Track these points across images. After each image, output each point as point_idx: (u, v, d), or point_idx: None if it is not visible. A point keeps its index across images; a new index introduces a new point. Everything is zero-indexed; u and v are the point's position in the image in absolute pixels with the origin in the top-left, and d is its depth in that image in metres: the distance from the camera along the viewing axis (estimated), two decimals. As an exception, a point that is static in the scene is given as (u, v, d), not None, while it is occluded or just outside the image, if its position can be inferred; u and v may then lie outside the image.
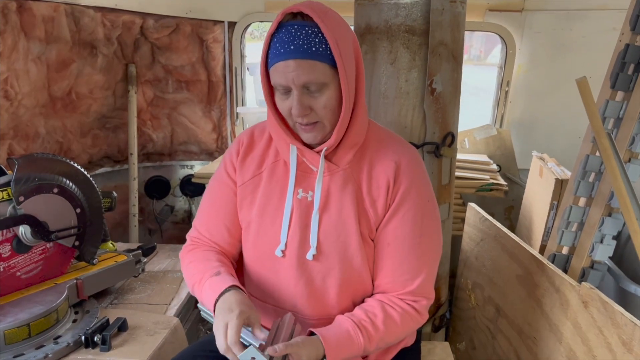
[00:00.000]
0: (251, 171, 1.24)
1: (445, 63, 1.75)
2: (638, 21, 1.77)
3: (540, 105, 3.10)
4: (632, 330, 1.19)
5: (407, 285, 1.16)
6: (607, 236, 1.81)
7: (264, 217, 1.20)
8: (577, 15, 2.90)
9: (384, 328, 1.13)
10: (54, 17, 2.36)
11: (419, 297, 1.17)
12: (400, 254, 1.16)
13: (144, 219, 3.20)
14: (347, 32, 1.09)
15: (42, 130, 2.46)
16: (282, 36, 1.04)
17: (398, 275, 1.17)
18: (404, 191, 1.15)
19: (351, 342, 1.10)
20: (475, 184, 2.64)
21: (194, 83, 3.06)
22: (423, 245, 1.17)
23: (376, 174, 1.17)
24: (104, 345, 1.42)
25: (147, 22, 2.77)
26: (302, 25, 1.03)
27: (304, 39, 1.03)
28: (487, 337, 1.96)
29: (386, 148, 1.19)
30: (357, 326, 1.11)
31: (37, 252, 1.56)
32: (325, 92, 1.07)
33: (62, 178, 1.58)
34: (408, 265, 1.16)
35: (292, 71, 1.03)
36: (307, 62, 1.03)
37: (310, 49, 1.02)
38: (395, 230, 1.16)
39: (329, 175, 1.17)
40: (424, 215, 1.17)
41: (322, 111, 1.08)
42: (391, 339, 1.16)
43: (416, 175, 1.18)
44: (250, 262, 1.27)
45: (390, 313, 1.15)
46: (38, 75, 2.36)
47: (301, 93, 1.06)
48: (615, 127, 1.84)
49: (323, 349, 1.06)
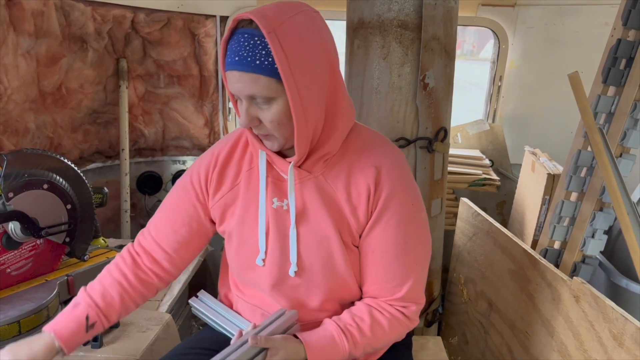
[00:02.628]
0: (229, 183, 1.19)
1: (437, 58, 1.74)
2: (630, 16, 1.77)
3: (533, 100, 3.11)
4: (623, 325, 1.20)
5: (395, 292, 1.13)
6: (599, 231, 1.82)
7: (244, 226, 1.18)
8: (569, 10, 2.91)
9: (370, 334, 1.11)
10: (44, 11, 2.33)
11: (408, 303, 1.14)
12: (385, 261, 1.13)
13: (136, 214, 3.18)
14: (311, 41, 1.00)
15: (32, 125, 2.43)
16: (232, 44, 0.99)
17: (385, 282, 1.14)
18: (386, 197, 1.10)
19: (335, 347, 1.09)
20: (468, 179, 2.65)
21: (186, 78, 3.03)
22: (409, 251, 1.13)
23: (355, 180, 1.11)
24: (95, 342, 1.41)
25: (138, 16, 2.74)
26: (251, 35, 0.96)
27: (249, 50, 0.96)
28: (480, 332, 1.97)
29: (367, 153, 1.13)
30: (342, 331, 1.10)
31: (27, 249, 1.55)
32: (273, 105, 1.00)
33: (52, 174, 1.56)
34: (394, 273, 1.13)
35: (237, 82, 0.99)
36: (249, 75, 0.97)
37: (254, 62, 0.96)
38: (379, 238, 1.12)
39: (300, 183, 1.12)
40: (409, 221, 1.13)
41: (269, 124, 1.02)
42: (378, 344, 1.15)
43: (399, 179, 1.12)
44: (235, 272, 1.28)
45: (378, 318, 1.13)
46: (27, 70, 2.33)
47: (249, 104, 1.01)
48: (607, 122, 1.85)
49: (304, 353, 1.05)
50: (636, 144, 1.75)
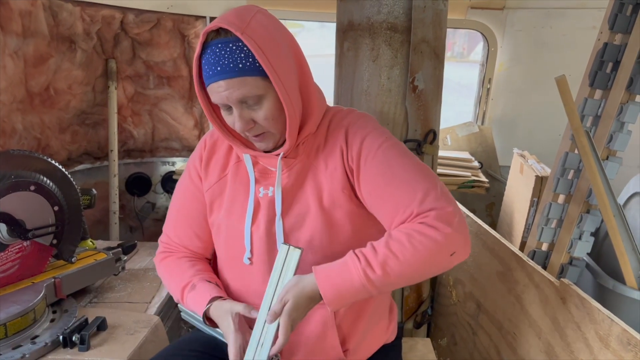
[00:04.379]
0: (216, 174, 1.24)
1: (427, 60, 1.75)
2: (616, 20, 1.79)
3: (522, 102, 3.14)
4: (609, 326, 1.21)
5: (409, 213, 1.05)
6: (586, 233, 1.84)
7: (231, 217, 1.20)
8: (557, 13, 2.94)
9: (386, 250, 1.00)
10: (32, 11, 2.32)
11: (424, 214, 1.03)
12: (382, 193, 1.09)
13: (125, 216, 3.16)
14: (276, 34, 1.05)
15: (19, 126, 2.41)
16: (208, 58, 1.02)
17: (395, 211, 1.07)
18: (358, 144, 1.12)
19: (346, 269, 1.01)
20: (457, 180, 2.66)
21: (176, 79, 3.02)
22: (398, 172, 1.09)
23: (330, 148, 1.15)
24: (82, 345, 1.40)
25: (127, 16, 2.73)
26: (225, 43, 1.00)
27: (228, 57, 1.00)
28: (468, 333, 1.98)
29: (335, 122, 1.18)
30: (354, 254, 1.03)
31: (14, 251, 1.53)
32: (264, 103, 1.05)
33: (39, 175, 1.55)
34: (396, 197, 1.07)
35: (224, 90, 1.02)
36: (236, 80, 1.01)
37: (237, 67, 1.00)
38: (367, 180, 1.11)
39: (287, 171, 1.16)
40: (385, 149, 1.11)
41: (265, 122, 1.07)
42: (403, 263, 1.00)
43: (365, 127, 1.15)
44: (222, 265, 1.28)
45: (394, 235, 1.02)
46: (15, 70, 2.31)
47: (240, 109, 1.05)
48: (594, 125, 1.86)
49: (315, 283, 1.02)
50: (622, 146, 1.76)
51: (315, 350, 1.20)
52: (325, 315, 1.18)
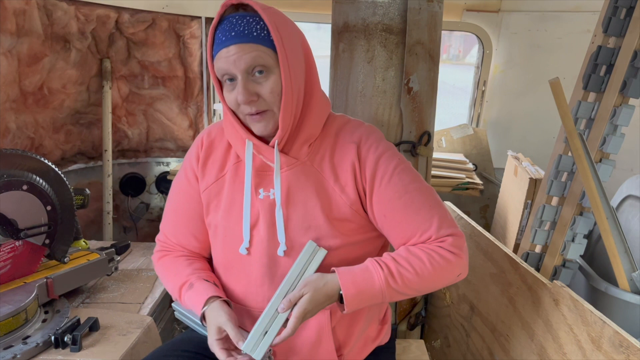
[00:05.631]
0: (214, 174, 1.22)
1: (422, 62, 1.75)
2: (610, 23, 1.80)
3: (516, 105, 3.15)
4: (601, 328, 1.21)
5: (425, 237, 1.13)
6: (579, 235, 1.84)
7: (230, 219, 1.19)
8: (551, 16, 2.95)
9: (407, 264, 1.08)
10: (26, 10, 2.31)
11: (442, 238, 1.12)
12: (399, 216, 1.14)
13: (119, 216, 3.15)
14: (292, 28, 1.10)
15: (12, 125, 2.40)
16: (223, 26, 1.05)
17: (411, 235, 1.14)
18: (372, 165, 1.14)
19: (369, 276, 1.07)
20: (452, 182, 2.67)
21: (171, 79, 3.02)
22: (415, 196, 1.14)
23: (339, 160, 1.16)
24: (74, 346, 1.39)
25: (122, 16, 2.72)
26: (243, 16, 1.04)
27: (245, 25, 1.04)
28: (462, 335, 1.98)
29: (344, 132, 1.19)
30: (376, 262, 1.09)
31: (6, 251, 1.52)
32: (270, 77, 1.06)
33: (32, 175, 1.54)
34: (413, 221, 1.13)
35: (234, 54, 1.03)
36: (248, 45, 1.03)
37: (252, 34, 1.03)
38: (381, 201, 1.14)
39: (288, 170, 1.15)
40: (400, 172, 1.15)
41: (269, 97, 1.06)
42: (421, 279, 1.09)
43: (377, 144, 1.17)
44: (219, 266, 1.27)
45: (414, 251, 1.11)
46: (8, 69, 2.30)
47: (246, 79, 1.05)
48: (587, 128, 1.87)
49: (337, 282, 1.06)
50: (615, 149, 1.77)
51: (310, 354, 1.19)
52: (321, 320, 1.18)
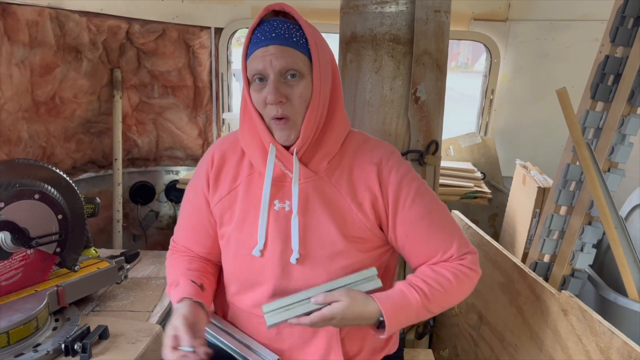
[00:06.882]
0: (227, 186, 1.23)
1: (429, 72, 1.76)
2: (618, 33, 1.80)
3: (524, 113, 3.14)
4: (610, 339, 1.21)
5: (446, 256, 1.19)
6: (587, 244, 1.84)
7: (243, 231, 1.20)
8: (560, 25, 2.95)
9: (437, 285, 1.14)
10: (39, 21, 2.35)
11: (463, 256, 1.19)
12: (422, 237, 1.19)
13: (128, 224, 3.18)
14: (324, 40, 1.14)
15: (24, 135, 2.43)
16: (263, 28, 1.08)
17: (433, 255, 1.19)
18: (394, 187, 1.17)
19: (406, 300, 1.12)
20: (460, 191, 2.66)
21: (180, 88, 3.05)
22: (436, 217, 1.20)
23: (357, 179, 1.18)
24: (84, 354, 1.40)
25: (133, 27, 2.76)
26: (283, 21, 1.09)
27: (285, 30, 1.07)
28: (470, 345, 1.97)
29: (363, 151, 1.21)
30: (410, 285, 1.14)
31: (18, 259, 1.54)
32: (302, 82, 1.08)
33: (43, 184, 1.56)
34: (435, 242, 1.19)
35: (271, 54, 1.06)
36: (287, 48, 1.06)
37: (292, 39, 1.07)
38: (405, 223, 1.18)
39: (305, 182, 1.16)
40: (421, 194, 1.19)
41: (297, 101, 1.09)
42: (449, 297, 1.17)
43: (399, 167, 1.20)
44: (231, 276, 1.27)
45: (441, 271, 1.16)
46: (21, 79, 2.34)
47: (277, 80, 1.07)
48: (595, 137, 1.87)
49: (377, 305, 1.09)
50: (624, 159, 1.77)
51: None
52: (331, 329, 1.18)
